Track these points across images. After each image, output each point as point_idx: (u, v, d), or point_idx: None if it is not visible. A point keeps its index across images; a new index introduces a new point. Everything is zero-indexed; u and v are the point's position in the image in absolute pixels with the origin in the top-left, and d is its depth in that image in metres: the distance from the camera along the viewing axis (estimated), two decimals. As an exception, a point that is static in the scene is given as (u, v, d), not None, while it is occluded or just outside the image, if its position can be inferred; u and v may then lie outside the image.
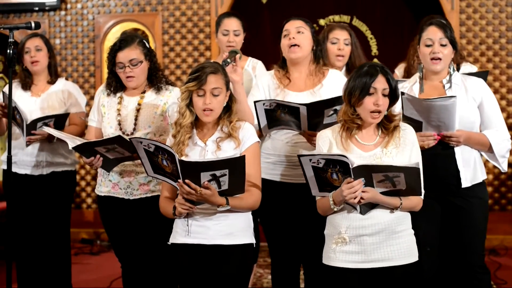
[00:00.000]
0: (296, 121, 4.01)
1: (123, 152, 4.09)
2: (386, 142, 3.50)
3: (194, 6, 7.90)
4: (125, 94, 4.35)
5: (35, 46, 5.17)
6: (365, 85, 3.43)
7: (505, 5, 7.38)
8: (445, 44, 4.04)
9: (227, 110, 3.67)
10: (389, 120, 3.53)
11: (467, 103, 4.04)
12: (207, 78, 3.55)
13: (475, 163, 4.09)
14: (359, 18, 7.87)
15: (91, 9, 8.11)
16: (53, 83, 5.25)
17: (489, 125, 4.10)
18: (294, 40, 4.23)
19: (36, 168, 5.14)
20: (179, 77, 7.84)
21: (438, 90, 4.08)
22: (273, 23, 7.80)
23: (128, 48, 4.23)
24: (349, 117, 3.51)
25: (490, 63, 7.42)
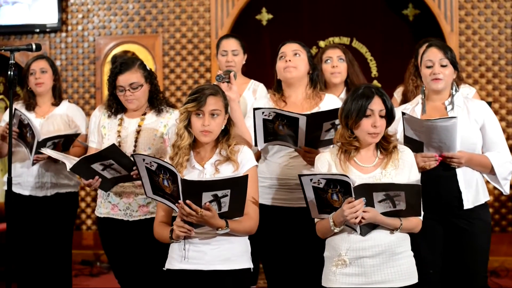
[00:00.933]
0: (293, 135, 3.97)
1: (120, 170, 4.09)
2: (385, 164, 3.50)
3: (194, 28, 7.93)
4: (125, 116, 4.36)
5: (41, 68, 5.19)
6: (362, 107, 3.43)
7: (504, 27, 7.41)
8: (445, 65, 4.04)
9: (225, 133, 3.66)
10: (387, 141, 3.54)
11: (469, 125, 4.03)
12: (207, 100, 3.55)
13: (477, 184, 4.08)
14: (359, 40, 7.89)
15: (91, 31, 8.14)
16: (57, 105, 5.27)
17: (491, 147, 4.09)
18: (290, 62, 4.20)
19: (41, 190, 5.15)
20: (179, 99, 7.85)
21: (440, 111, 4.08)
22: (273, 44, 7.80)
23: (128, 71, 4.24)
24: (346, 140, 3.51)
25: (490, 84, 7.43)
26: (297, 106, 4.20)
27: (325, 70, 4.89)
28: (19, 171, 5.14)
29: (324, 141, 4.02)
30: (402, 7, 7.81)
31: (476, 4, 7.44)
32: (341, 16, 7.95)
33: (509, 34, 7.40)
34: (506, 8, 7.40)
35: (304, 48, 4.30)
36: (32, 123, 4.80)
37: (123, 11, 8.06)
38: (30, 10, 8.12)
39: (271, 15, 8.04)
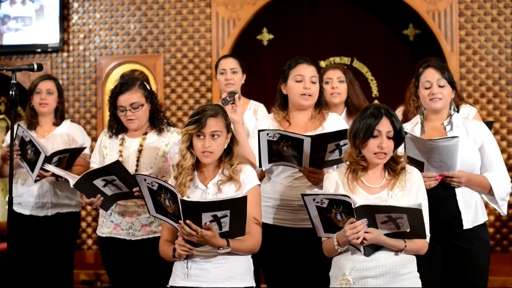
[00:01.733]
0: (297, 156, 3.96)
1: (121, 186, 4.09)
2: (392, 185, 3.49)
3: (195, 48, 7.95)
4: (127, 136, 4.37)
5: (47, 89, 5.19)
6: (370, 127, 3.43)
7: (505, 47, 7.43)
8: (443, 85, 4.06)
9: (228, 152, 3.67)
10: (396, 162, 3.53)
11: (468, 145, 4.04)
12: (207, 121, 3.56)
13: (476, 204, 4.08)
14: (359, 60, 7.91)
15: (93, 51, 8.16)
16: (58, 125, 5.27)
17: (489, 167, 4.09)
18: (308, 90, 4.16)
19: (41, 209, 5.14)
20: (180, 119, 7.87)
21: (439, 131, 4.09)
22: (274, 64, 7.84)
23: (129, 91, 4.25)
24: (354, 159, 3.51)
25: (490, 104, 7.44)
26: (301, 127, 4.19)
27: (325, 90, 4.90)
28: (20, 191, 5.13)
29: (329, 161, 4.02)
30: (403, 27, 7.84)
31: (476, 24, 7.47)
32: (342, 36, 7.98)
33: (510, 54, 7.42)
34: (506, 28, 7.43)
35: (319, 73, 4.29)
36: (35, 139, 4.81)
37: (124, 31, 8.09)
38: (32, 30, 8.14)
39: (272, 35, 8.07)
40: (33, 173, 4.90)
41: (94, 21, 8.16)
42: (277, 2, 7.94)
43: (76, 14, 8.20)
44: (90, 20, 8.17)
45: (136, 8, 8.07)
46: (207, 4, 7.93)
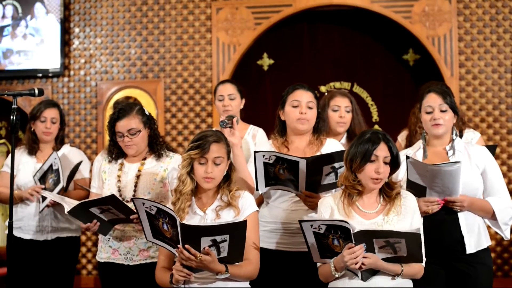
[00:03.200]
0: (294, 179, 3.97)
1: (117, 214, 4.09)
2: (387, 210, 3.50)
3: (196, 73, 7.98)
4: (126, 161, 4.37)
5: (52, 118, 5.20)
6: (367, 152, 3.44)
7: (504, 72, 7.45)
8: (445, 110, 4.06)
9: (226, 178, 3.67)
10: (390, 188, 3.54)
11: (471, 170, 4.04)
12: (210, 147, 3.57)
13: (479, 229, 4.07)
14: (359, 85, 7.94)
15: (94, 76, 8.19)
16: (58, 150, 5.26)
17: (492, 192, 4.09)
18: (305, 115, 4.19)
19: (41, 234, 5.13)
20: (181, 144, 7.87)
21: (441, 156, 4.08)
22: (274, 90, 7.87)
23: (126, 117, 4.27)
24: (350, 183, 3.52)
25: (490, 129, 7.45)
26: (299, 152, 4.20)
27: (332, 117, 4.90)
28: (20, 214, 5.12)
29: (325, 185, 4.02)
30: (403, 52, 7.87)
31: (476, 49, 7.50)
32: (342, 61, 8.01)
33: (509, 79, 7.44)
34: (505, 53, 7.45)
35: (316, 99, 4.30)
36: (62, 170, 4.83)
37: (125, 56, 8.12)
38: (33, 55, 8.17)
39: (272, 61, 8.10)
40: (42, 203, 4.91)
41: (95, 46, 8.20)
42: (277, 28, 7.98)
43: (77, 39, 8.23)
44: (91, 45, 8.21)
45: (137, 33, 8.11)
46: (207, 29, 7.97)
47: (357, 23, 7.99)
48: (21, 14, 8.22)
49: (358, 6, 7.73)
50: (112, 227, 4.23)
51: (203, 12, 7.99)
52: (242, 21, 7.88)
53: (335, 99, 4.99)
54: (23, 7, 8.22)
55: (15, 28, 8.21)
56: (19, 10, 8.24)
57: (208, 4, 7.99)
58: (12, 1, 8.26)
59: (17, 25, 8.22)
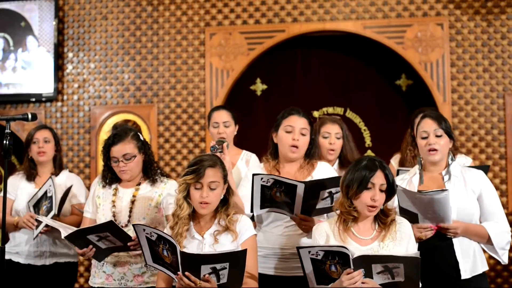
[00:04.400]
0: (289, 202, 3.96)
1: (115, 241, 4.07)
2: (382, 236, 3.50)
3: (189, 98, 7.99)
4: (120, 186, 4.36)
5: (44, 137, 5.20)
6: (364, 179, 3.45)
7: (497, 97, 7.48)
8: (440, 135, 4.07)
9: (224, 203, 3.67)
10: (385, 215, 3.54)
11: (466, 195, 4.03)
12: (205, 172, 3.57)
13: (475, 254, 4.05)
14: (352, 110, 7.96)
15: (87, 101, 8.19)
16: (57, 175, 5.26)
17: (488, 217, 4.08)
18: (297, 142, 4.20)
19: (39, 258, 5.11)
20: (174, 168, 7.87)
21: (437, 182, 4.09)
22: (268, 114, 7.88)
23: (121, 142, 4.26)
24: (345, 209, 3.52)
25: (483, 154, 7.47)
26: (290, 176, 4.18)
27: (322, 145, 4.92)
28: (18, 240, 5.11)
29: (320, 209, 4.02)
30: (395, 78, 7.90)
31: (468, 75, 7.54)
32: (335, 86, 8.03)
33: (501, 104, 7.47)
34: (498, 79, 7.49)
35: (310, 124, 4.31)
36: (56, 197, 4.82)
37: (118, 81, 8.13)
38: (26, 80, 8.18)
39: (265, 86, 8.12)
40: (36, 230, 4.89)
41: (89, 71, 8.21)
42: (271, 53, 8.01)
43: (71, 64, 8.25)
44: (84, 70, 8.22)
45: (130, 58, 8.13)
46: (201, 54, 7.99)
47: (350, 49, 8.03)
48: (12, 47, 8.24)
49: (351, 32, 7.78)
50: (108, 254, 4.21)
51: (197, 38, 8.02)
52: (236, 47, 7.91)
53: (326, 126, 5.02)
54: (15, 40, 8.24)
55: (4, 61, 8.24)
56: (10, 43, 8.26)
57: (201, 30, 8.02)
58: (3, 34, 8.29)
59: (6, 58, 8.24)
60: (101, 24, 8.24)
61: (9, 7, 8.29)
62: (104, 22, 8.23)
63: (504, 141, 7.44)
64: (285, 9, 7.91)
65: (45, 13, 8.19)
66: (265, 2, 7.94)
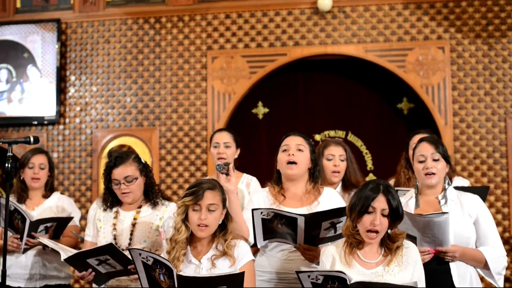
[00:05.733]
0: (292, 233, 3.95)
1: (115, 265, 4.05)
2: (388, 261, 3.47)
3: (191, 121, 8.00)
4: (121, 209, 4.35)
5: (40, 163, 5.17)
6: (365, 202, 3.44)
7: (498, 120, 7.49)
8: (437, 159, 4.07)
9: (222, 228, 3.66)
10: (392, 240, 3.51)
11: (463, 219, 4.02)
12: (204, 194, 3.57)
13: (471, 278, 4.04)
14: (354, 134, 7.97)
15: (89, 124, 8.21)
16: (47, 197, 5.23)
17: (485, 241, 4.07)
18: (292, 157, 4.19)
19: (30, 281, 5.06)
20: (176, 192, 7.86)
21: (433, 205, 4.08)
22: (269, 138, 7.90)
23: (123, 165, 4.26)
24: (350, 232, 3.51)
25: (485, 177, 7.46)
26: (296, 201, 4.19)
27: (326, 167, 4.90)
28: (8, 262, 5.05)
29: (324, 238, 4.00)
30: (397, 101, 7.92)
31: (470, 98, 7.55)
32: (337, 110, 8.05)
33: (503, 127, 7.48)
34: (499, 102, 7.50)
35: (308, 143, 4.30)
36: (19, 206, 4.77)
37: (120, 104, 8.15)
38: (28, 103, 8.21)
39: (267, 109, 8.14)
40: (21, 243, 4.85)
41: (91, 94, 8.23)
42: (272, 76, 8.03)
43: (73, 87, 8.27)
44: (86, 93, 8.24)
45: (133, 81, 8.15)
46: (203, 78, 8.02)
47: (351, 72, 8.06)
48: (15, 78, 8.28)
49: (353, 56, 7.80)
50: (108, 279, 4.18)
51: (199, 61, 8.05)
52: (237, 70, 7.94)
53: (329, 148, 5.00)
54: (17, 71, 8.29)
55: (10, 92, 8.28)
56: (13, 74, 8.30)
57: (203, 53, 8.05)
58: (6, 65, 8.33)
59: (12, 89, 8.29)
60: (103, 47, 8.27)
61: (12, 38, 8.35)
62: (107, 45, 8.26)
63: (506, 164, 7.44)
64: (286, 33, 7.94)
65: (47, 45, 8.25)
66: (267, 26, 7.98)
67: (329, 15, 7.89)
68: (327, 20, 7.89)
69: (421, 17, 7.71)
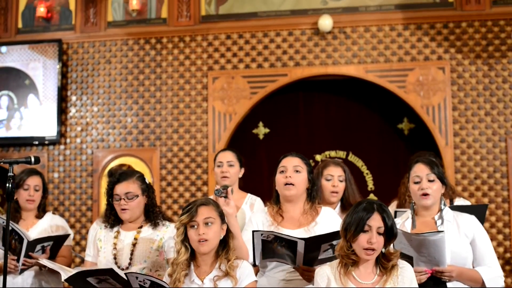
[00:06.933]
0: (291, 255, 3.96)
1: (114, 284, 4.04)
2: (384, 281, 3.47)
3: (191, 141, 8.01)
4: (122, 229, 4.35)
5: (35, 185, 5.16)
6: (360, 221, 3.44)
7: (499, 140, 7.50)
8: (432, 180, 4.07)
9: (224, 246, 3.65)
10: (387, 259, 3.51)
11: (459, 240, 4.02)
12: (198, 210, 3.59)
13: (467, 299, 4.05)
14: (355, 154, 7.97)
15: (90, 144, 8.21)
16: (40, 218, 5.21)
17: (481, 261, 4.06)
18: (290, 179, 4.20)
19: (26, 304, 5.05)
20: (176, 212, 7.85)
21: (429, 226, 4.08)
22: (270, 158, 7.90)
23: (126, 181, 4.28)
24: (345, 253, 3.50)
25: (486, 197, 7.45)
26: (294, 221, 4.19)
27: (325, 187, 4.91)
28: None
29: (322, 259, 4.00)
30: (397, 121, 7.93)
31: (470, 118, 7.56)
32: (337, 130, 8.06)
33: (504, 147, 7.48)
34: (499, 122, 7.51)
35: (305, 163, 4.30)
36: (17, 226, 4.76)
37: (121, 124, 8.16)
38: (29, 123, 8.22)
39: (267, 129, 8.15)
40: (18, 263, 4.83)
41: (92, 114, 8.25)
42: (273, 97, 8.05)
43: (74, 107, 8.29)
44: (87, 113, 8.26)
45: (134, 101, 8.17)
46: (203, 98, 8.03)
47: (352, 92, 8.08)
48: (17, 105, 8.31)
49: (353, 76, 7.83)
50: None
51: (200, 81, 8.07)
52: (238, 90, 7.96)
53: (328, 168, 5.01)
54: (19, 98, 8.32)
55: (9, 120, 8.31)
56: (14, 101, 8.33)
57: (204, 74, 8.08)
58: (8, 92, 8.36)
59: (11, 117, 8.32)
60: (104, 67, 8.30)
61: (14, 65, 8.39)
62: (108, 65, 8.29)
63: (507, 185, 7.44)
64: (287, 54, 7.96)
65: (49, 72, 8.28)
66: (267, 47, 8.01)
67: (330, 36, 7.92)
68: (328, 40, 7.92)
69: (422, 38, 7.74)
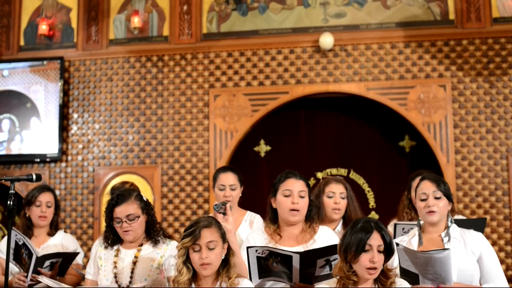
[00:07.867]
0: (287, 272, 3.94)
1: (115, 301, 4.04)
2: (383, 301, 3.46)
3: (193, 159, 8.01)
4: (122, 247, 4.34)
5: (47, 202, 5.16)
6: (361, 241, 3.43)
7: (500, 158, 7.49)
8: (439, 197, 4.07)
9: (225, 264, 3.65)
10: (386, 276, 3.51)
11: (466, 257, 4.01)
12: (201, 233, 3.57)
13: (474, 316, 4.03)
14: (356, 172, 7.97)
15: (91, 161, 8.22)
16: (52, 235, 5.22)
17: (489, 278, 4.05)
18: (297, 205, 4.17)
19: (32, 321, 5.03)
20: (177, 230, 7.84)
21: (436, 243, 4.07)
22: (271, 176, 7.86)
23: (125, 203, 4.27)
24: (345, 274, 3.49)
25: (487, 215, 7.43)
26: (292, 240, 4.18)
27: (327, 204, 4.90)
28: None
29: (319, 276, 3.99)
30: (399, 139, 7.93)
31: (471, 136, 7.56)
32: (339, 147, 8.07)
33: (505, 165, 7.48)
34: (501, 139, 7.51)
35: (306, 185, 4.28)
36: (28, 241, 4.76)
37: (122, 141, 8.17)
38: (30, 140, 8.23)
39: (269, 147, 8.15)
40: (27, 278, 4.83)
41: (93, 131, 8.26)
42: (274, 114, 8.06)
43: (75, 125, 8.30)
44: (89, 131, 8.27)
45: (135, 119, 8.18)
46: (205, 116, 8.04)
47: (353, 110, 8.09)
48: (18, 128, 8.33)
49: (354, 93, 7.84)
50: None
51: (201, 99, 8.09)
52: (239, 108, 7.97)
53: (330, 186, 5.00)
54: (20, 121, 8.34)
55: (9, 143, 8.32)
56: (16, 124, 8.35)
57: (205, 91, 8.09)
58: (9, 115, 8.38)
59: (11, 140, 8.33)
60: (106, 85, 8.32)
61: (15, 89, 8.41)
62: (109, 83, 8.31)
63: (508, 202, 7.43)
64: (288, 71, 7.98)
65: (50, 95, 8.31)
66: (268, 64, 8.03)
67: (331, 54, 7.95)
68: (329, 58, 7.94)
69: (422, 55, 7.76)
